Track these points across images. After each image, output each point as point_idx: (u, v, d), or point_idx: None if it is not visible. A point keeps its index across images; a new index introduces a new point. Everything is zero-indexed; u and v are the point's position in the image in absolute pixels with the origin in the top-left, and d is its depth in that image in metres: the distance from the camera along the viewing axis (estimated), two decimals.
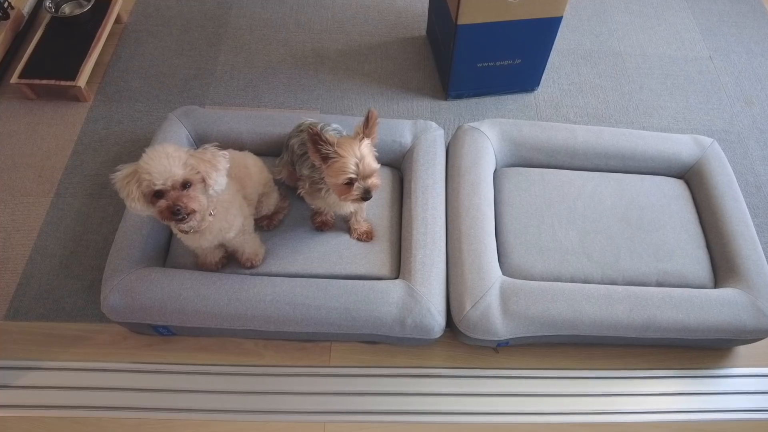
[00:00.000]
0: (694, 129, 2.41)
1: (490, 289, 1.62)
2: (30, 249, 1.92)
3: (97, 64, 2.37)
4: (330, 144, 1.38)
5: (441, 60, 2.40)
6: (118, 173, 1.26)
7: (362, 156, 1.40)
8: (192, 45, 2.55)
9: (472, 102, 2.43)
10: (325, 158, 1.41)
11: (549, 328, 1.63)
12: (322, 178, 1.50)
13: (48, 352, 1.73)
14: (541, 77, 2.43)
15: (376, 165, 1.44)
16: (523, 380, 1.75)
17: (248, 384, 1.69)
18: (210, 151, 1.33)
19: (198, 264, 1.67)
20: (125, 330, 1.76)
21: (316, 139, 1.37)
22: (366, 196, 1.44)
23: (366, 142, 1.42)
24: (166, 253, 1.75)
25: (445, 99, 2.42)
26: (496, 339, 1.63)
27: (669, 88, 2.55)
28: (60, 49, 2.35)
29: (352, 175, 1.40)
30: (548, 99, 2.47)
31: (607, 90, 2.52)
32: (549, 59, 2.34)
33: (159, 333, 1.73)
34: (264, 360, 1.74)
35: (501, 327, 1.60)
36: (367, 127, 1.42)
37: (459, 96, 2.42)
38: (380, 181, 1.48)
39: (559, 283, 1.68)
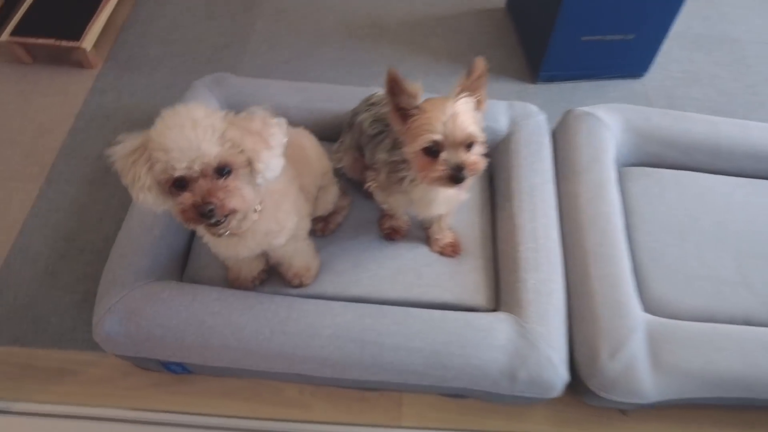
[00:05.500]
0: None
1: (634, 333, 1.23)
2: (8, 249, 1.68)
3: (107, 25, 2.21)
4: (411, 96, 1.04)
5: (530, 34, 2.17)
6: (119, 147, 0.91)
7: (455, 113, 1.01)
8: (224, 8, 2.34)
9: (566, 86, 2.15)
10: (405, 117, 1.07)
11: (713, 388, 1.26)
12: (406, 161, 1.12)
13: (21, 390, 1.44)
14: (652, 59, 2.13)
15: (475, 130, 1.03)
16: None
17: None
18: (259, 117, 0.94)
19: (228, 279, 1.33)
20: (126, 363, 1.47)
21: (394, 87, 1.04)
22: (457, 175, 1.03)
23: (465, 100, 1.03)
24: (185, 261, 1.44)
25: (534, 82, 2.15)
26: (640, 402, 1.24)
27: None
28: (64, 4, 2.13)
29: (437, 137, 1.01)
30: (659, 87, 2.16)
31: (727, 81, 2.21)
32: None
33: (170, 370, 1.42)
34: (312, 413, 1.44)
35: (650, 386, 1.23)
36: (468, 79, 1.05)
37: (551, 78, 2.15)
38: (482, 160, 1.07)
39: (724, 326, 1.30)
